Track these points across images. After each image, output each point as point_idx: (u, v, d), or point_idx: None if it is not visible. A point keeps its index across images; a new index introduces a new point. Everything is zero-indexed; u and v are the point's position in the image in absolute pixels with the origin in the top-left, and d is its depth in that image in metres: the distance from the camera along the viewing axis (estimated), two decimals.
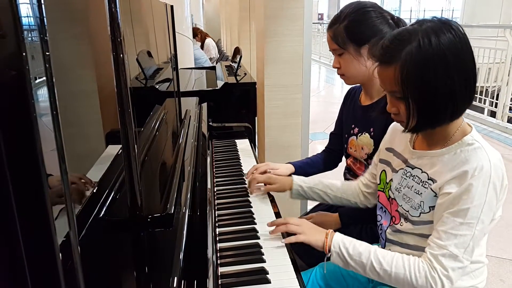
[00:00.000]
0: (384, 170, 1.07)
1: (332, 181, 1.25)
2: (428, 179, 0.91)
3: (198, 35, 6.78)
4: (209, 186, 1.15)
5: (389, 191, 1.03)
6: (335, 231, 0.97)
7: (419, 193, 0.93)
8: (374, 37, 1.12)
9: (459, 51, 0.82)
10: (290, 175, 1.45)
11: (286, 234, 1.03)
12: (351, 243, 0.93)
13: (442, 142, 0.91)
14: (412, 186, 0.95)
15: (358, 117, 1.32)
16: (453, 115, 0.87)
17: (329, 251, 0.94)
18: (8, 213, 0.39)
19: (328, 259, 0.96)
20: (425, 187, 0.92)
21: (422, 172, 0.93)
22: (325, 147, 1.53)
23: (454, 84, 0.82)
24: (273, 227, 1.05)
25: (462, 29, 0.84)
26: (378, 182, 1.10)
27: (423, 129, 0.91)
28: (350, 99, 1.40)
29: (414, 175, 0.95)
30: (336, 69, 1.26)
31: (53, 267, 0.42)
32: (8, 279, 0.41)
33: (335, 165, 1.52)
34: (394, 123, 1.06)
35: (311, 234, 0.98)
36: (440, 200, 0.87)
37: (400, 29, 0.90)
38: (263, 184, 1.32)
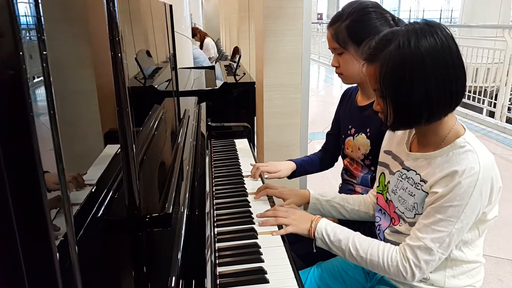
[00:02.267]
0: (383, 173, 1.08)
1: (347, 195, 1.24)
2: (421, 181, 0.92)
3: (197, 34, 6.77)
4: (207, 185, 1.15)
5: (387, 193, 1.04)
6: None
7: (412, 194, 0.94)
8: None
9: (439, 55, 0.82)
10: (292, 173, 1.45)
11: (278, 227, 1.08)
12: (332, 230, 0.99)
13: (435, 144, 0.92)
14: (407, 188, 0.96)
15: (355, 117, 1.32)
16: (430, 118, 0.87)
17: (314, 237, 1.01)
18: (6, 213, 0.39)
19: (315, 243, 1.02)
20: (417, 189, 0.92)
21: (416, 174, 0.94)
22: (322, 147, 1.54)
23: (430, 87, 0.83)
24: (263, 218, 1.10)
25: (450, 33, 0.84)
26: (377, 185, 1.10)
27: (400, 128, 0.95)
28: (347, 99, 1.40)
29: (409, 177, 0.96)
30: (334, 68, 1.26)
31: (51, 267, 0.42)
32: (5, 279, 0.41)
33: (331, 165, 1.53)
34: None
35: (298, 223, 1.04)
36: (428, 198, 0.89)
37: (388, 29, 0.91)
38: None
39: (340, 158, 1.46)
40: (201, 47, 6.53)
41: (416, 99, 0.84)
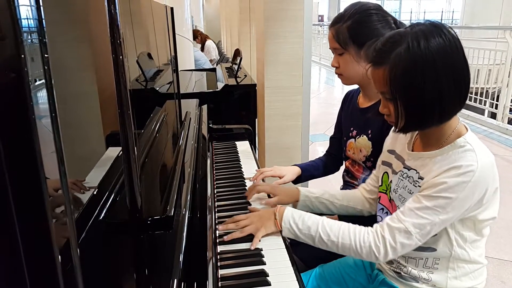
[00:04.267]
0: (386, 172, 1.08)
1: (337, 190, 1.24)
2: (419, 178, 0.93)
3: (198, 37, 6.80)
4: (209, 188, 1.15)
5: (390, 193, 1.04)
6: None
7: (411, 192, 0.94)
8: None
9: (449, 55, 0.83)
10: (297, 179, 1.45)
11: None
12: (300, 217, 0.98)
13: (437, 143, 0.92)
14: (406, 187, 0.96)
15: (356, 119, 1.32)
16: (442, 118, 0.88)
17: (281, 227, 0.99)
18: (7, 216, 0.39)
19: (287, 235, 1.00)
20: (415, 186, 0.93)
21: (416, 172, 0.94)
22: (326, 151, 1.53)
23: (442, 87, 0.83)
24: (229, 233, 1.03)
25: (455, 33, 0.85)
26: (380, 184, 1.10)
27: (411, 130, 0.94)
28: (348, 102, 1.40)
29: (409, 176, 0.96)
30: (334, 68, 1.26)
31: (53, 270, 0.42)
32: (7, 281, 0.41)
33: (336, 169, 1.52)
34: None
35: (265, 224, 1.01)
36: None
37: (393, 31, 0.91)
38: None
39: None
40: (202, 49, 6.55)
41: (428, 99, 0.84)
